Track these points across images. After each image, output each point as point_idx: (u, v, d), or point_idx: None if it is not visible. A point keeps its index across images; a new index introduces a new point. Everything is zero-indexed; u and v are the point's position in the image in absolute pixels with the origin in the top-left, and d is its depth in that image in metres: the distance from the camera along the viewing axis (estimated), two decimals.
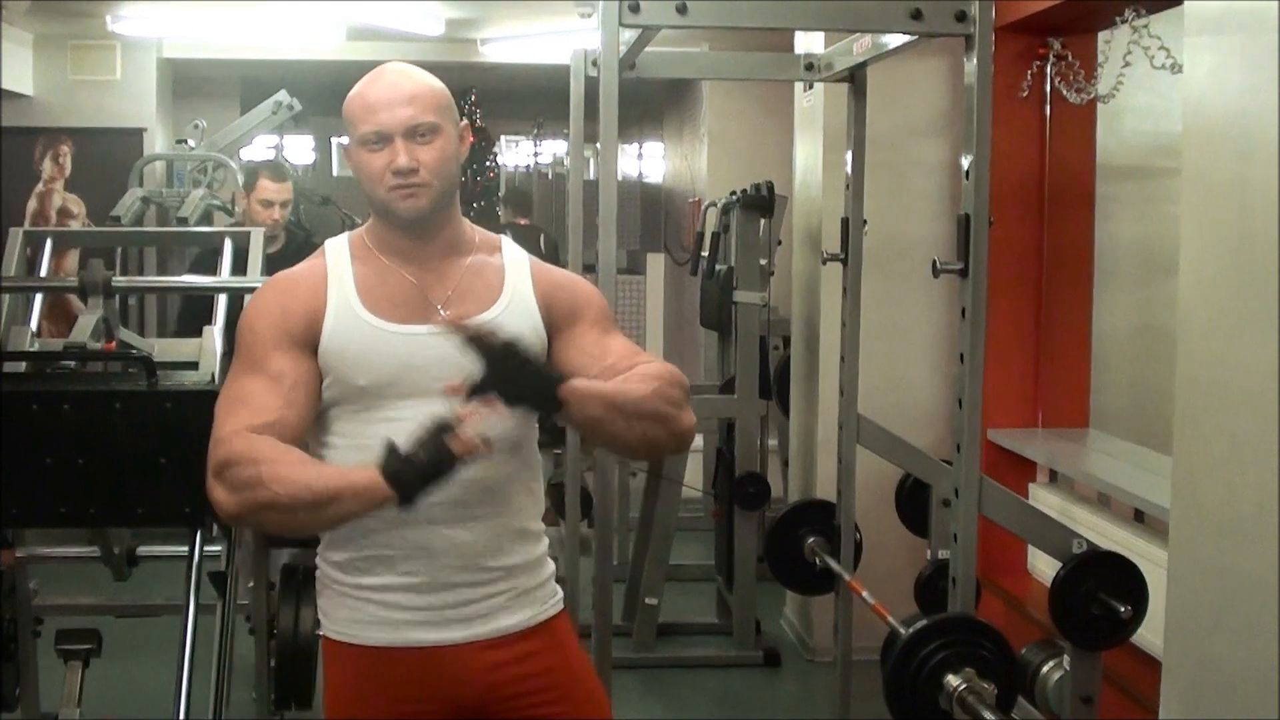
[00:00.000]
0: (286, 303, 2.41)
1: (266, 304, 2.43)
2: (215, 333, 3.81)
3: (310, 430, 2.41)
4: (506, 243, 2.56)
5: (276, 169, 5.45)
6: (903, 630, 3.31)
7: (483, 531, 2.41)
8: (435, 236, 2.44)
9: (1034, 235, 5.40)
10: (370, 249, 2.46)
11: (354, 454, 2.36)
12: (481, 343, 2.20)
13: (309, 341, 2.38)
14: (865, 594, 4.15)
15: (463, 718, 2.47)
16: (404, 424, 2.27)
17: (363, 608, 2.43)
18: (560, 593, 2.59)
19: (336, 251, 2.48)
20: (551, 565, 2.58)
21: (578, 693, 2.53)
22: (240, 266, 4.14)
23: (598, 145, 3.94)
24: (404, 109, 2.36)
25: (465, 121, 2.50)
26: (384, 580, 2.41)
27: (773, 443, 7.03)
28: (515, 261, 2.52)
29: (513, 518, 2.45)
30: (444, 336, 2.26)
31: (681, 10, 3.47)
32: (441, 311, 2.39)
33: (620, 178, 4.17)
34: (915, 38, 3.66)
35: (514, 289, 2.47)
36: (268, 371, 2.35)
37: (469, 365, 2.24)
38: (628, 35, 3.81)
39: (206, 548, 3.42)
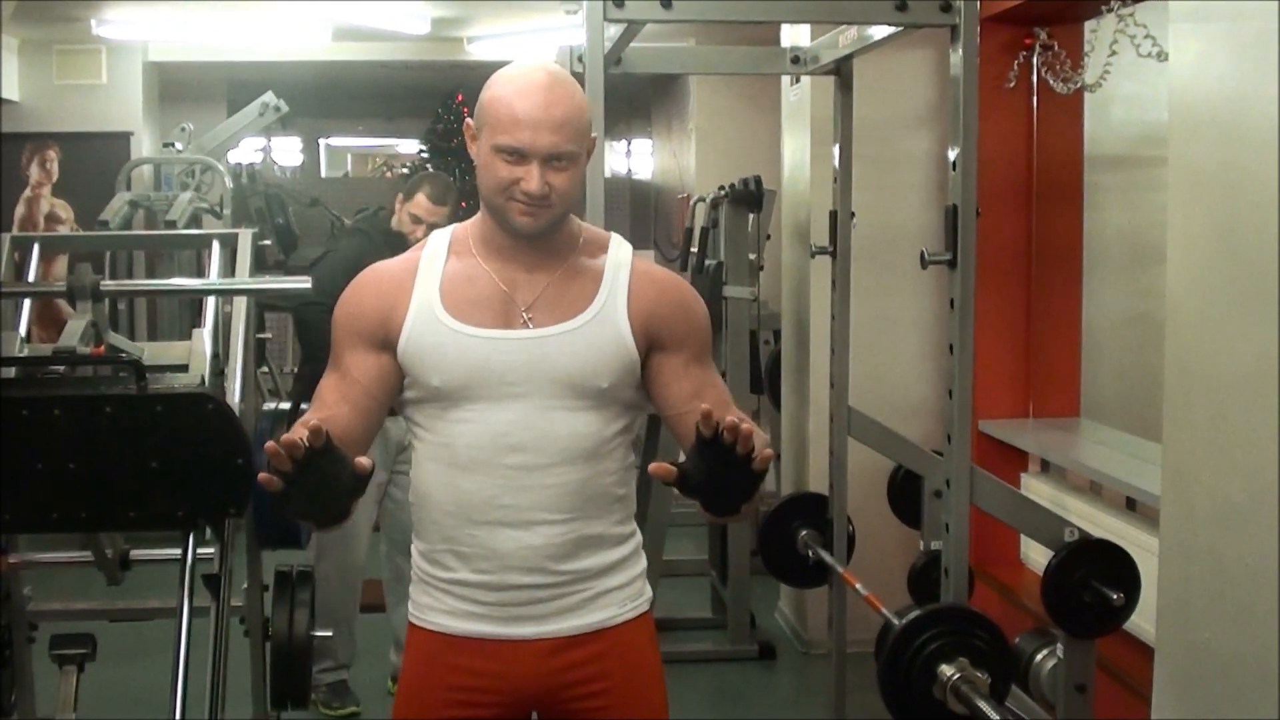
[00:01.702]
0: (366, 299, 2.45)
1: (350, 297, 2.48)
2: (205, 335, 3.81)
3: (401, 423, 2.51)
4: (615, 242, 2.51)
5: (442, 189, 5.20)
6: (896, 621, 3.32)
7: (551, 536, 2.40)
8: (540, 244, 2.42)
9: (1022, 225, 5.40)
10: (470, 245, 2.46)
11: (436, 450, 2.43)
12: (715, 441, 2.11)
13: (382, 340, 2.41)
14: (859, 586, 4.16)
15: (520, 711, 2.50)
16: (478, 426, 2.37)
17: (439, 597, 2.47)
18: (646, 595, 2.57)
19: (435, 247, 2.48)
20: (639, 567, 2.56)
21: (632, 700, 2.52)
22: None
23: None
24: (550, 135, 2.30)
25: (595, 135, 2.48)
26: (458, 575, 2.44)
27: None
28: (617, 265, 2.46)
29: (586, 524, 2.43)
30: (519, 342, 2.36)
31: (666, 4, 3.47)
32: (525, 317, 2.39)
33: (609, 174, 4.17)
34: (901, 29, 3.66)
35: (606, 297, 2.42)
36: (339, 367, 2.46)
37: (543, 371, 2.34)
38: (613, 31, 3.81)
39: (199, 550, 3.42)
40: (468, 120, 2.44)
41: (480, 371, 2.36)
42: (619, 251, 2.49)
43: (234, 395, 3.82)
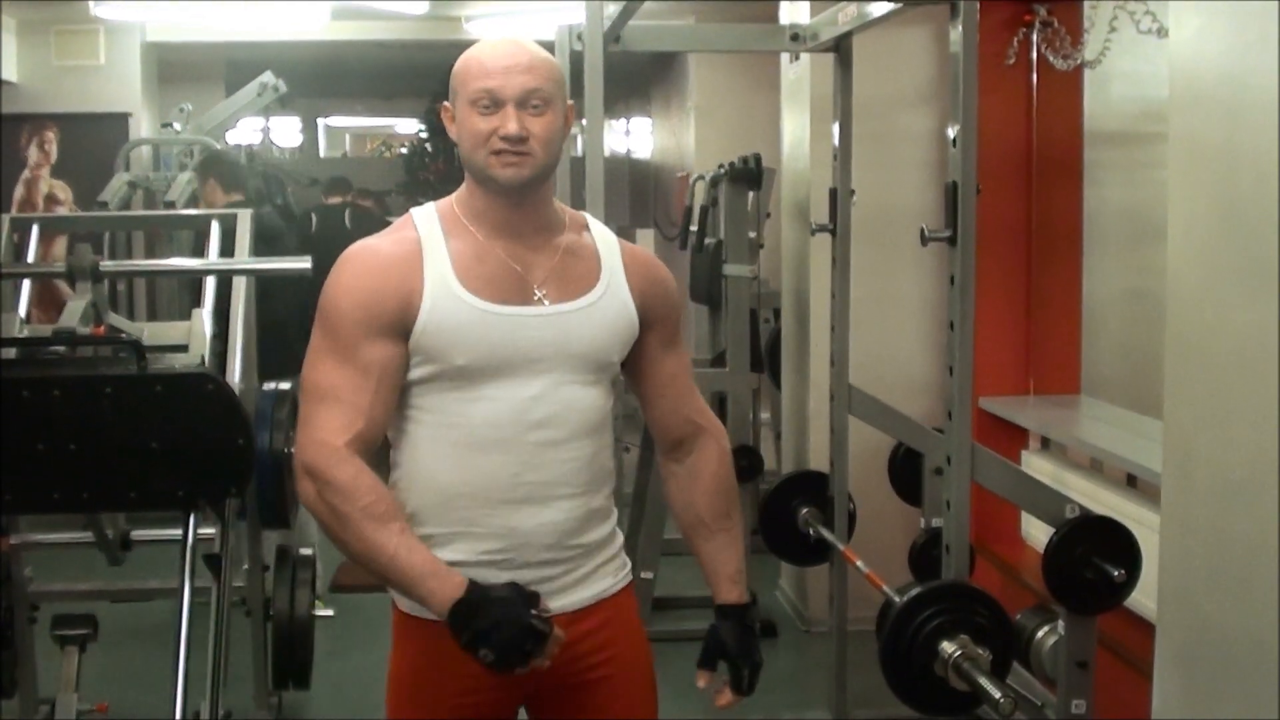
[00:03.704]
0: (377, 284, 2.35)
1: (355, 282, 2.36)
2: (205, 315, 3.81)
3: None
4: (593, 221, 2.55)
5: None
6: (897, 599, 3.32)
7: (569, 511, 2.42)
8: (530, 212, 2.42)
9: (1022, 202, 5.39)
10: (463, 222, 2.43)
11: (445, 431, 2.38)
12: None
13: (400, 326, 2.34)
14: (859, 563, 4.16)
15: (516, 693, 2.51)
16: (499, 404, 2.36)
17: None
18: (629, 564, 2.62)
19: (427, 225, 2.42)
20: (621, 538, 2.60)
21: (631, 666, 2.57)
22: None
23: (584, 121, 3.93)
24: (521, 76, 2.33)
25: (571, 102, 2.48)
26: (464, 557, 2.38)
27: (765, 415, 7.04)
28: (605, 242, 2.51)
29: (593, 496, 2.47)
30: (541, 318, 2.37)
31: None
32: (539, 294, 2.39)
33: (608, 153, 4.17)
34: (900, 6, 3.65)
35: (610, 273, 2.46)
36: (357, 362, 2.33)
37: (565, 347, 2.37)
38: (612, 9, 3.80)
39: (200, 531, 3.42)
40: (444, 104, 2.44)
41: (505, 349, 2.35)
42: (601, 229, 2.53)
43: (234, 375, 3.83)
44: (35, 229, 4.22)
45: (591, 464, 2.45)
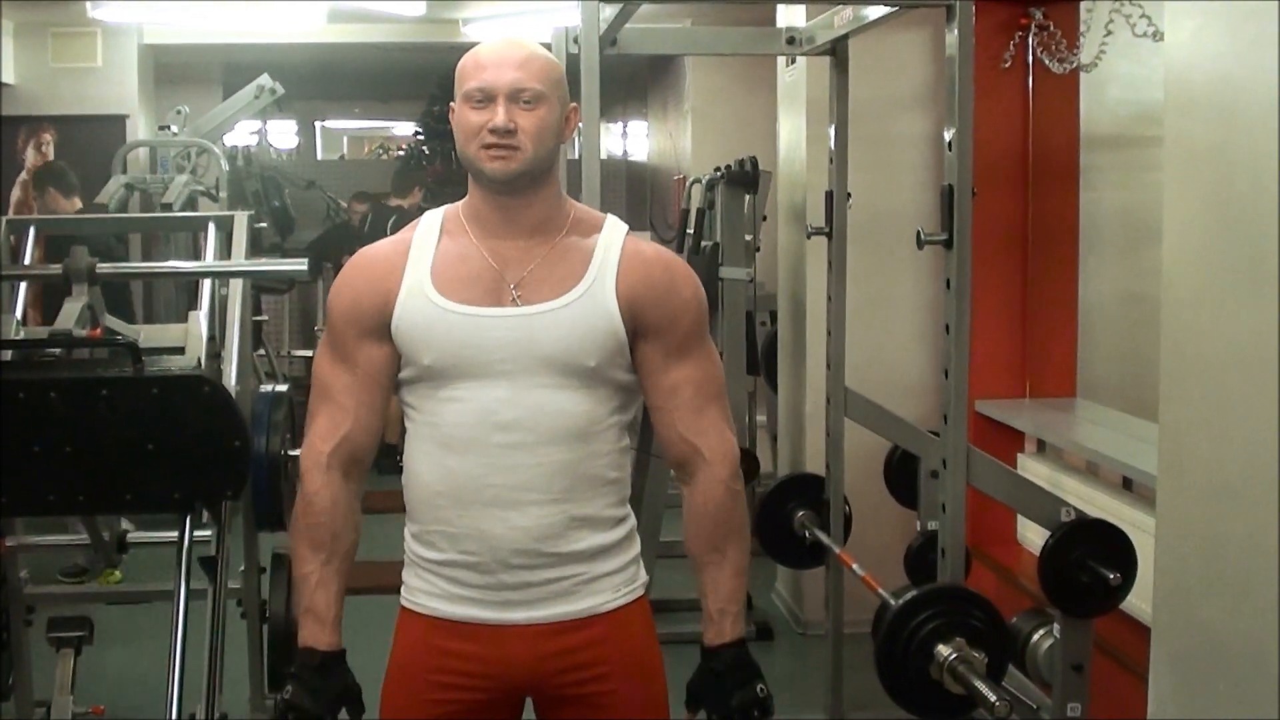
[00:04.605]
0: (361, 286, 2.45)
1: (344, 286, 2.48)
2: (201, 317, 3.81)
3: (397, 400, 2.51)
4: (611, 222, 2.50)
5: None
6: (893, 601, 3.32)
7: (541, 517, 2.39)
8: (525, 211, 2.42)
9: (1019, 205, 5.39)
10: (462, 223, 2.46)
11: (426, 430, 2.43)
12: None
13: (382, 325, 2.41)
14: (855, 566, 4.16)
15: (512, 696, 2.51)
16: (467, 404, 2.37)
17: (430, 579, 2.46)
18: (641, 579, 2.56)
19: (428, 225, 2.48)
20: (633, 552, 2.53)
21: (631, 685, 2.51)
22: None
23: (580, 124, 3.93)
24: (513, 71, 2.35)
25: (575, 104, 2.48)
26: (448, 555, 2.43)
27: (761, 418, 7.04)
28: (609, 246, 2.44)
29: (576, 505, 2.41)
30: (508, 319, 2.36)
31: None
32: (514, 294, 2.38)
33: (605, 156, 4.17)
34: (896, 9, 3.66)
35: (595, 277, 2.40)
36: (346, 360, 2.45)
37: (532, 349, 2.35)
38: (608, 11, 3.80)
39: (196, 533, 3.42)
40: (451, 106, 2.45)
41: (469, 349, 2.36)
42: (612, 231, 2.48)
43: (230, 378, 3.82)
44: (32, 231, 4.21)
45: (570, 471, 2.39)
